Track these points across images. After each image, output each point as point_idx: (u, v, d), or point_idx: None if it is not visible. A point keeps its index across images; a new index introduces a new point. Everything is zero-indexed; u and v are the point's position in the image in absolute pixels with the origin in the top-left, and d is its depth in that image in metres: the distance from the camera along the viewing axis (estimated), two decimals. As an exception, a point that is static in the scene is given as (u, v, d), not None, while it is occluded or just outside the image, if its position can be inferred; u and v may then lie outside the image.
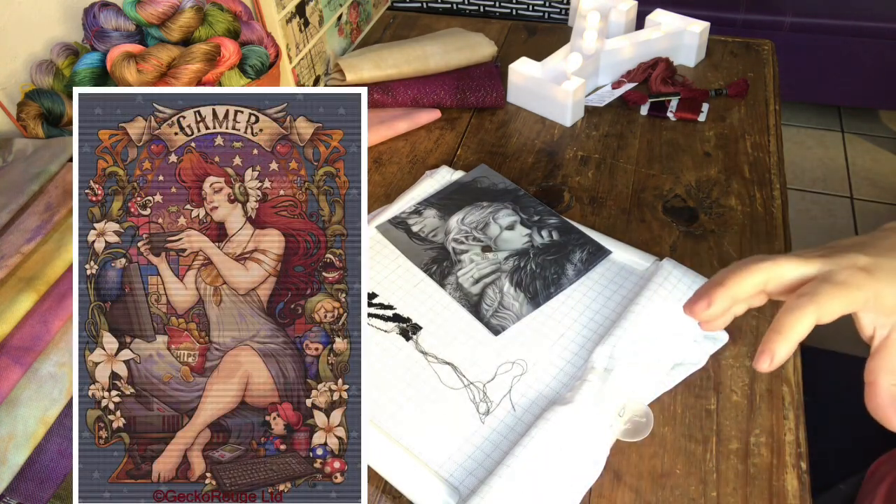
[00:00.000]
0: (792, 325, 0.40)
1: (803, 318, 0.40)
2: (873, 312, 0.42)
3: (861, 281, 0.41)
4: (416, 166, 0.81)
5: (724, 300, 0.42)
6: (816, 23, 1.92)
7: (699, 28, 0.92)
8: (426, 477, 0.49)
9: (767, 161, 0.78)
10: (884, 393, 0.41)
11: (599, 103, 0.88)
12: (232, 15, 0.67)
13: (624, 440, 0.51)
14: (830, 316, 0.40)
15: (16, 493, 0.45)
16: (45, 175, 0.55)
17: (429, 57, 0.90)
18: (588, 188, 0.76)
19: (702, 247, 0.68)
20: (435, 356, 0.59)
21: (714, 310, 0.43)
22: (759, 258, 0.43)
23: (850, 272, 0.41)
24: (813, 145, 2.17)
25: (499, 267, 0.65)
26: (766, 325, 0.60)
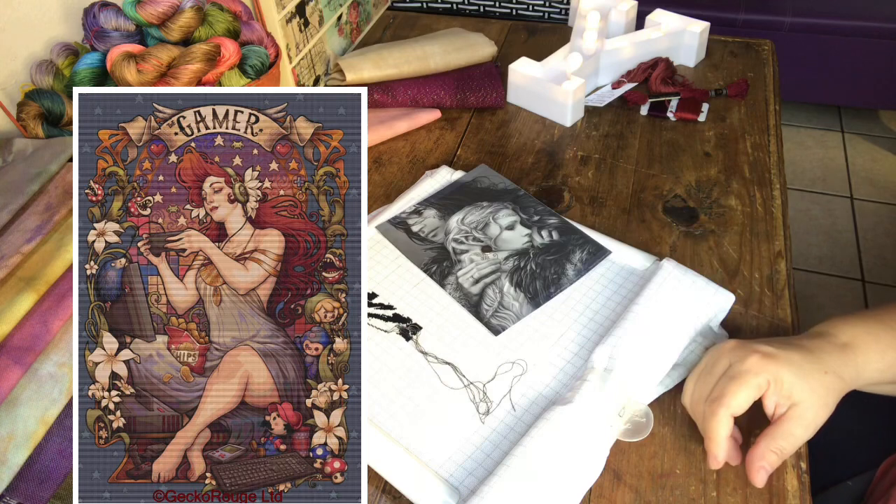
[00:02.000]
0: (716, 430, 0.47)
1: (721, 421, 0.47)
2: (775, 395, 0.48)
3: (760, 366, 0.48)
4: (416, 166, 0.81)
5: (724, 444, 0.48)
6: (816, 23, 1.92)
7: (699, 28, 0.92)
8: (426, 477, 0.49)
9: (767, 161, 0.78)
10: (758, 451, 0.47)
11: (599, 103, 0.88)
12: (232, 15, 0.67)
13: (624, 440, 0.51)
14: (741, 408, 0.47)
15: (16, 493, 0.45)
16: (45, 175, 0.55)
17: (429, 57, 0.90)
18: (588, 188, 0.76)
19: (702, 247, 0.68)
20: (435, 356, 0.59)
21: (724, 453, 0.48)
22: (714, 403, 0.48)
23: (753, 360, 0.48)
24: (813, 145, 2.17)
25: (499, 267, 0.65)
26: (766, 324, 0.60)
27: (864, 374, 0.51)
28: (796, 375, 0.47)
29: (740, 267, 0.66)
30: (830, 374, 0.49)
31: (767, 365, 0.47)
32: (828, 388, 0.48)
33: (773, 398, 0.48)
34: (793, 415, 0.47)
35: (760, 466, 0.47)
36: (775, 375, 0.47)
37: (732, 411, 0.47)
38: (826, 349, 0.50)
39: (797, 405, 0.47)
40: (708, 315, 0.58)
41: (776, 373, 0.47)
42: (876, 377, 0.51)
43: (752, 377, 0.47)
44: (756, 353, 0.48)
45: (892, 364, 0.51)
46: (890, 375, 0.52)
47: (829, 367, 0.49)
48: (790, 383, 0.47)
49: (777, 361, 0.48)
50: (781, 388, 0.47)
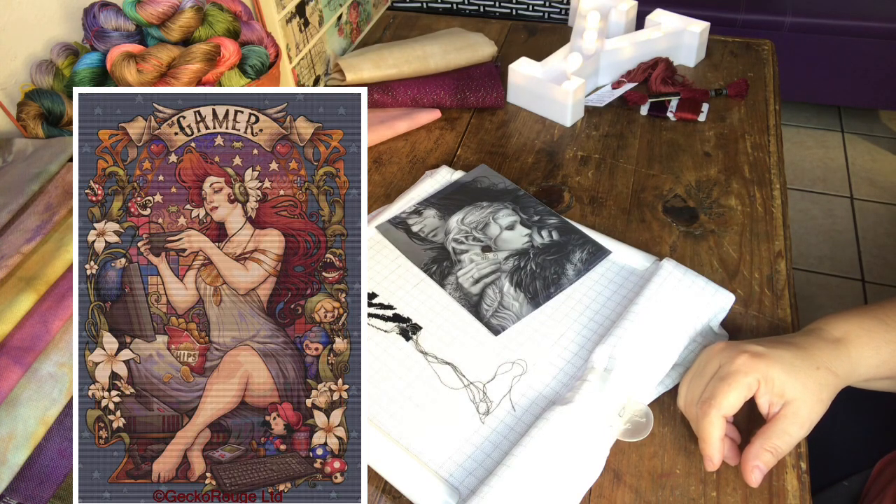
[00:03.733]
0: (708, 431, 0.47)
1: (713, 422, 0.47)
2: (767, 394, 0.47)
3: (749, 366, 0.47)
4: (416, 166, 0.81)
5: (718, 445, 0.48)
6: (816, 23, 1.92)
7: (699, 28, 0.92)
8: (426, 477, 0.49)
9: (767, 161, 0.78)
10: (753, 450, 0.47)
11: (599, 103, 0.88)
12: (232, 15, 0.67)
13: (624, 440, 0.51)
14: (732, 409, 0.47)
15: (16, 493, 0.45)
16: (45, 175, 0.55)
17: (429, 57, 0.90)
18: (588, 188, 0.76)
19: (702, 247, 0.68)
20: (435, 356, 0.59)
21: (718, 454, 0.48)
22: (705, 404, 0.48)
23: (741, 360, 0.48)
24: (813, 145, 2.17)
25: (499, 267, 0.65)
26: (766, 324, 0.60)
27: (858, 370, 0.50)
28: (787, 373, 0.47)
29: (740, 267, 0.66)
30: (823, 369, 0.49)
31: (757, 364, 0.47)
32: (821, 383, 0.48)
33: (766, 397, 0.48)
34: (787, 413, 0.47)
35: (755, 466, 0.47)
36: (765, 374, 0.47)
37: (723, 412, 0.47)
38: (818, 345, 0.50)
39: (790, 403, 0.47)
40: (708, 315, 0.58)
41: (766, 371, 0.47)
42: (871, 372, 0.51)
43: (741, 377, 0.47)
44: (745, 352, 0.48)
45: (887, 359, 0.51)
46: (885, 370, 0.51)
47: (821, 362, 0.49)
48: (781, 381, 0.47)
49: (766, 360, 0.47)
50: (773, 387, 0.47)
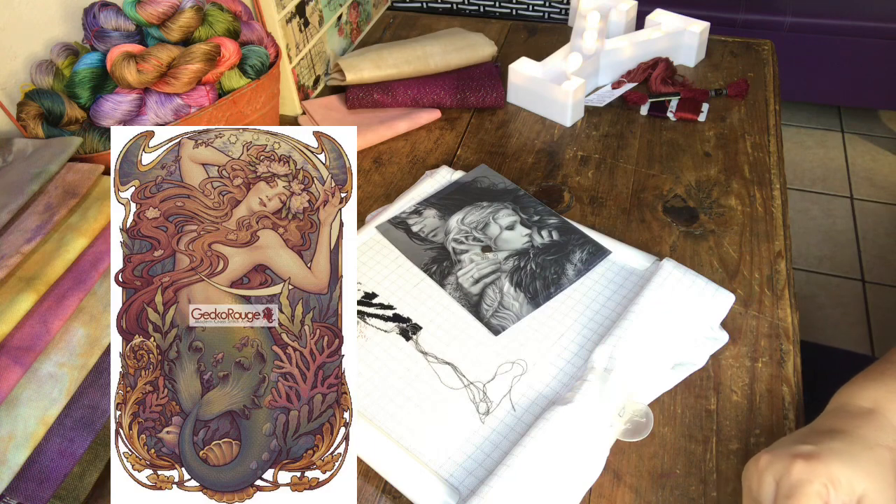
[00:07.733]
0: None
1: None
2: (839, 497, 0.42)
3: (811, 472, 0.42)
4: (416, 166, 0.81)
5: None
6: (816, 23, 1.92)
7: (699, 28, 0.92)
8: (426, 477, 0.49)
9: (767, 161, 0.78)
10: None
11: (599, 103, 0.88)
12: (232, 15, 0.67)
13: (624, 440, 0.51)
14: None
15: (16, 493, 0.45)
16: (45, 175, 0.55)
17: (429, 57, 0.90)
18: (588, 188, 0.76)
19: (702, 247, 0.68)
20: (435, 356, 0.59)
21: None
22: None
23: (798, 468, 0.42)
24: (813, 145, 2.17)
25: (499, 267, 0.65)
26: (766, 324, 0.60)
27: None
28: (848, 465, 0.42)
29: (740, 267, 0.66)
30: (877, 447, 0.44)
31: (817, 467, 0.42)
32: (881, 463, 0.44)
33: (838, 501, 0.42)
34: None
35: None
36: (830, 476, 0.42)
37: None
38: (856, 423, 0.46)
39: (864, 498, 0.42)
40: (708, 315, 0.58)
41: (829, 473, 0.42)
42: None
43: (808, 487, 0.41)
44: (797, 458, 0.43)
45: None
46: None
47: (871, 440, 0.45)
48: (848, 477, 0.42)
49: (824, 459, 0.42)
50: (841, 487, 0.42)
